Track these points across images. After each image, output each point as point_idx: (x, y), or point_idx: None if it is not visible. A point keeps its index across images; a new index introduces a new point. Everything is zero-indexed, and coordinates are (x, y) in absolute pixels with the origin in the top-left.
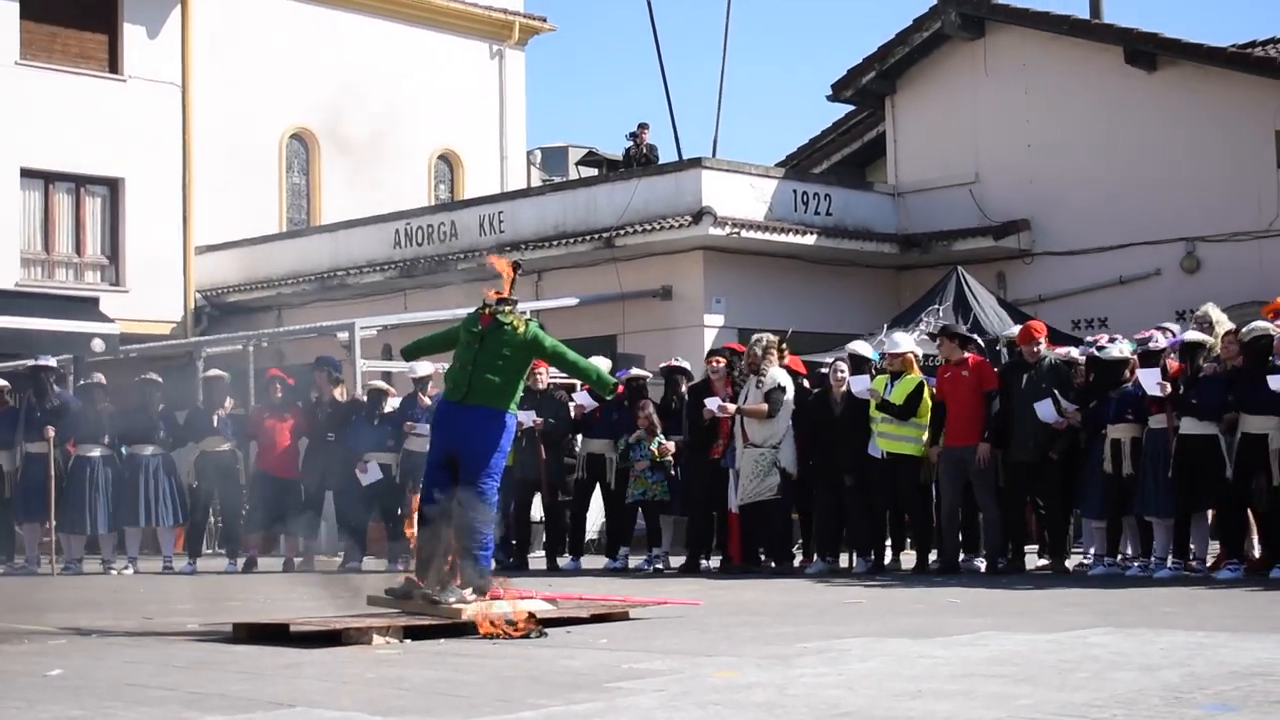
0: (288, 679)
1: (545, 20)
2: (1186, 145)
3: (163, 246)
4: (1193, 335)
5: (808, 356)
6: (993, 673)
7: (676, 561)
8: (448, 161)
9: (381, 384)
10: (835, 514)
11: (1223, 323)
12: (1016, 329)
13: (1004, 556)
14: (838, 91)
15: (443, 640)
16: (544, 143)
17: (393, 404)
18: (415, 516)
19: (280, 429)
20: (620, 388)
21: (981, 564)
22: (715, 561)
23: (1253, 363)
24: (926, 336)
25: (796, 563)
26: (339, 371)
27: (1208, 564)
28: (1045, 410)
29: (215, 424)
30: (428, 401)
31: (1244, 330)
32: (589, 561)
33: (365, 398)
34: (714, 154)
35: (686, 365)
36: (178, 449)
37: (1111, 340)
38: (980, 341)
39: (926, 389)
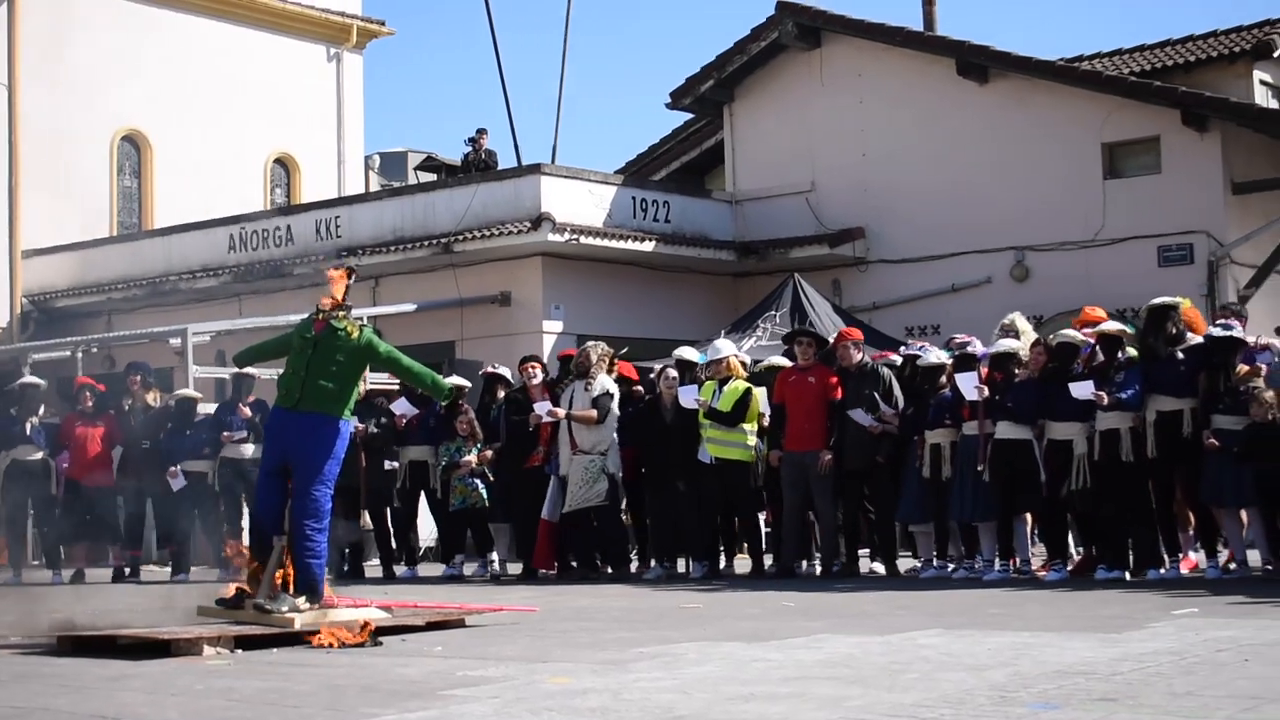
0: (113, 692)
1: (384, 24)
2: (1017, 156)
3: None
4: (1003, 345)
5: (642, 363)
6: (825, 675)
7: (515, 569)
8: (284, 165)
9: (190, 392)
10: (669, 519)
11: (1028, 331)
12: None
13: (838, 560)
14: (676, 99)
15: (275, 650)
16: (382, 147)
17: (207, 410)
18: (245, 526)
19: (91, 436)
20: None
21: (817, 568)
22: (546, 570)
23: (1059, 370)
24: (776, 341)
25: (634, 568)
26: (151, 376)
27: (1033, 566)
28: (859, 416)
29: (28, 432)
30: (247, 412)
31: (1052, 338)
32: (426, 569)
33: (173, 405)
34: (553, 160)
35: (505, 372)
36: None
37: (922, 348)
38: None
39: (755, 395)
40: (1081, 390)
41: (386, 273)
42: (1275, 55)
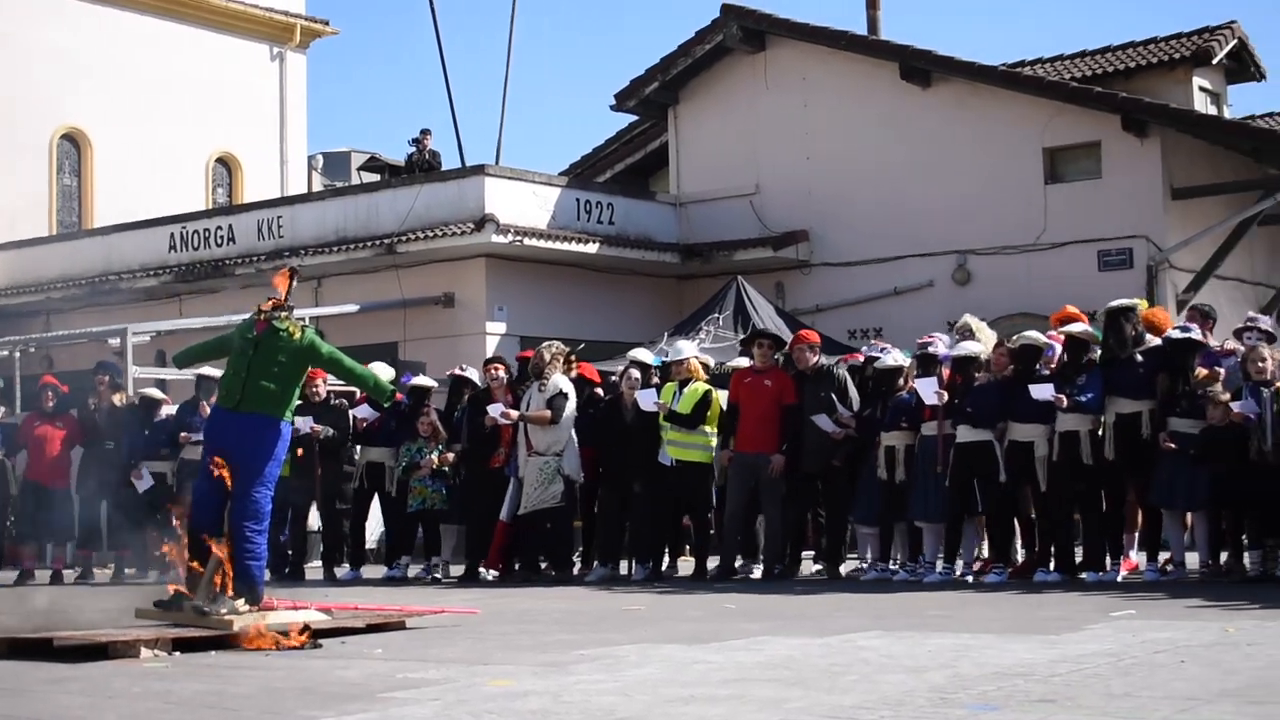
0: (49, 695)
1: (327, 23)
2: (959, 160)
3: None
4: (965, 348)
5: (601, 364)
6: (765, 677)
7: (457, 570)
8: (226, 165)
9: (155, 392)
10: (621, 520)
11: (983, 330)
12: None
13: (781, 562)
14: (621, 101)
15: (213, 652)
16: (326, 147)
17: (169, 411)
18: (184, 527)
19: (51, 437)
20: (399, 394)
21: (758, 570)
22: (494, 571)
23: (1021, 372)
24: (720, 344)
25: (576, 570)
26: (120, 377)
27: (975, 568)
28: (823, 422)
29: None
30: (209, 412)
31: (1014, 339)
32: (368, 571)
33: (138, 404)
34: (497, 161)
35: (471, 374)
36: None
37: (883, 350)
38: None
39: (715, 396)
40: (1042, 392)
41: (329, 273)
42: (1214, 62)
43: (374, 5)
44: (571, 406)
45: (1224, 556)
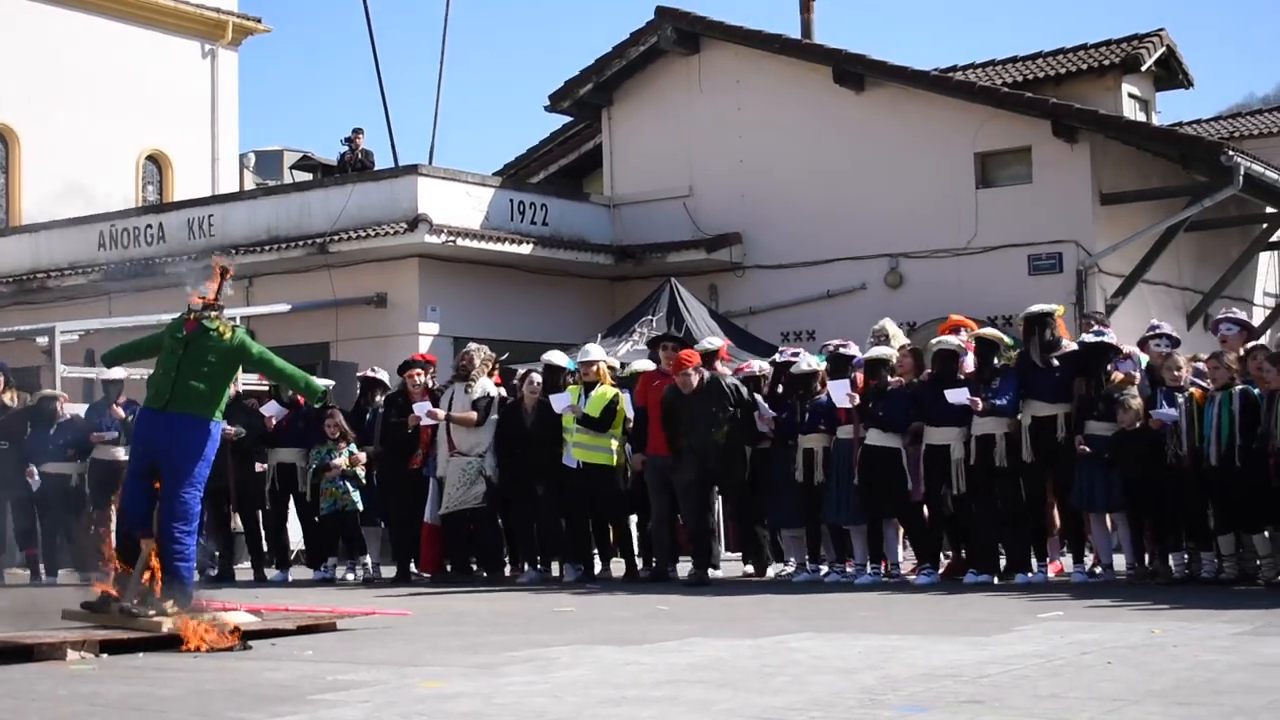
0: None
1: (259, 21)
2: (892, 164)
3: None
4: (876, 352)
5: (516, 366)
6: (696, 678)
7: (389, 572)
8: (156, 162)
9: (52, 391)
10: (532, 524)
11: (898, 336)
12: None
13: (714, 564)
14: (555, 102)
15: (141, 654)
16: (258, 146)
17: (76, 410)
18: (113, 527)
19: None
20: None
21: (684, 570)
22: (425, 574)
23: (937, 376)
24: (645, 346)
25: (508, 571)
26: (10, 376)
27: (904, 570)
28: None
29: None
30: (121, 413)
31: (932, 343)
32: (298, 573)
33: (37, 404)
34: (430, 161)
35: (382, 375)
36: None
37: (795, 355)
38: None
39: (621, 399)
40: (957, 396)
41: (260, 273)
42: (1143, 69)
43: (307, 3)
44: (495, 409)
45: (1148, 559)
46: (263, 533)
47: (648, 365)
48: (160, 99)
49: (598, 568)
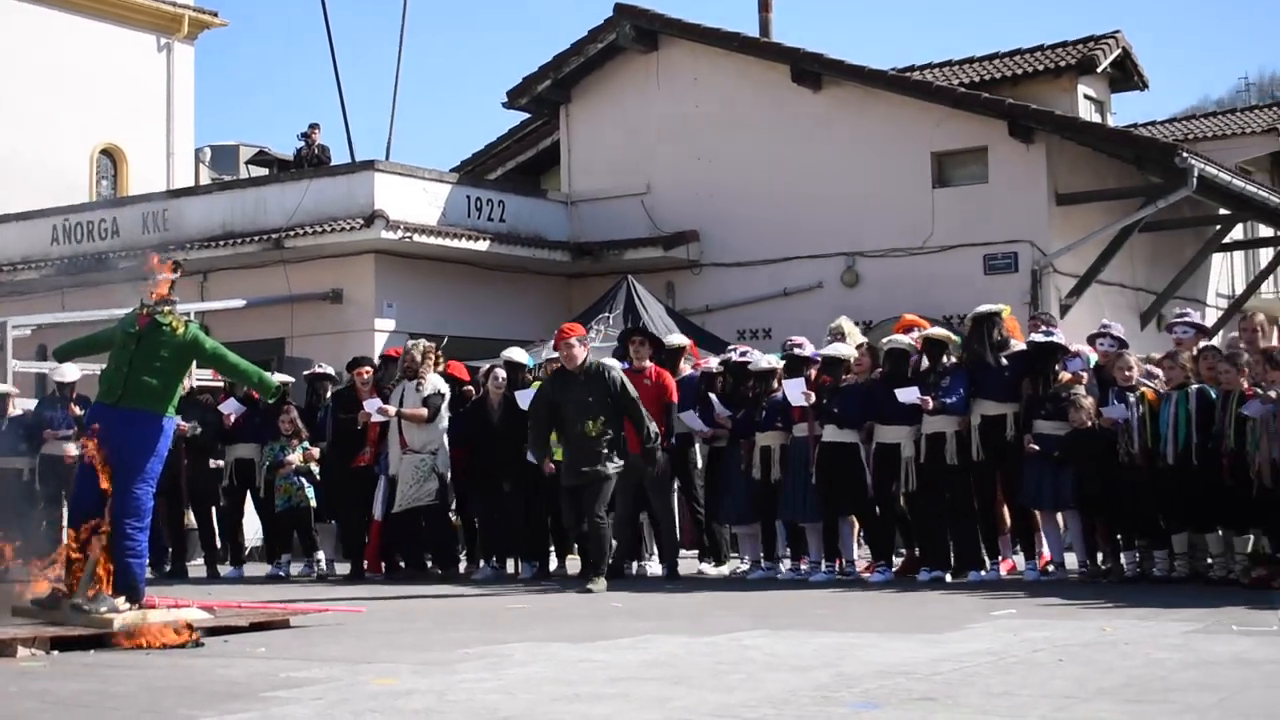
0: None
1: (216, 15)
2: (849, 163)
3: None
4: (833, 350)
5: (473, 362)
6: (650, 675)
7: (343, 568)
8: (111, 156)
9: (6, 387)
10: (497, 520)
11: (854, 334)
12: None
13: (675, 558)
14: (513, 99)
15: (93, 651)
16: (214, 140)
17: (27, 405)
18: (64, 523)
19: None
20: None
21: (648, 568)
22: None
23: (889, 375)
24: (610, 343)
25: (463, 568)
26: None
27: (859, 568)
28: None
29: None
30: (77, 410)
31: (883, 342)
32: (252, 569)
33: None
34: (387, 157)
35: (331, 371)
36: None
37: (743, 354)
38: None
39: None
40: (907, 395)
41: (216, 268)
42: (1099, 70)
43: None
44: (446, 405)
45: (1100, 557)
46: (216, 529)
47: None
48: (115, 93)
49: (553, 564)
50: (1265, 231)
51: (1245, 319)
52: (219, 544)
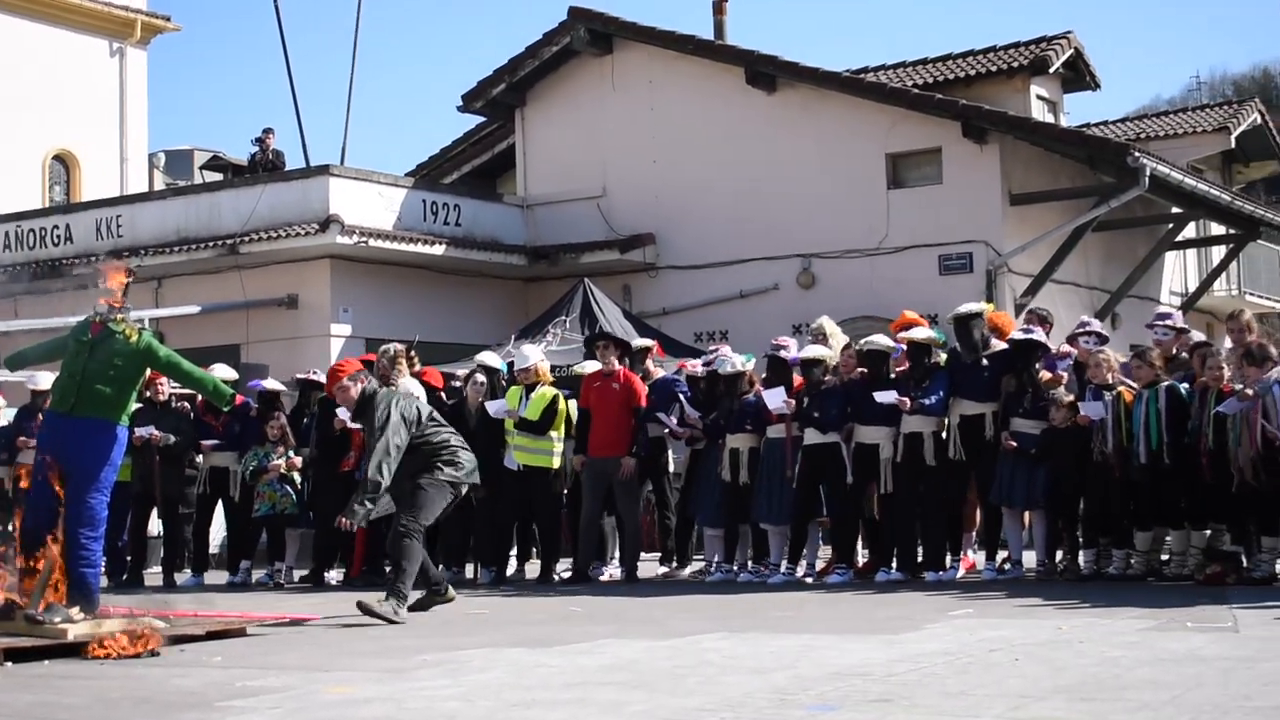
0: None
1: (169, 19)
2: (804, 165)
3: None
4: (812, 351)
5: (446, 367)
6: (608, 680)
7: (303, 573)
8: (63, 162)
9: None
10: (462, 524)
11: (837, 335)
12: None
13: (637, 562)
14: (468, 102)
15: (47, 662)
16: (167, 145)
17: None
18: (17, 533)
19: None
20: (239, 398)
21: (605, 574)
22: (339, 575)
23: (868, 376)
24: (566, 346)
25: None
26: None
27: (818, 569)
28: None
29: None
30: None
31: (862, 343)
32: (211, 577)
33: None
34: (342, 162)
35: (322, 379)
36: None
37: (713, 351)
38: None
39: (561, 401)
40: (886, 397)
41: (170, 274)
42: (1051, 71)
43: (217, 2)
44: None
45: (1059, 555)
46: (184, 536)
47: (593, 366)
48: (68, 98)
49: (511, 568)
50: (1217, 230)
51: (1234, 318)
52: (185, 550)
